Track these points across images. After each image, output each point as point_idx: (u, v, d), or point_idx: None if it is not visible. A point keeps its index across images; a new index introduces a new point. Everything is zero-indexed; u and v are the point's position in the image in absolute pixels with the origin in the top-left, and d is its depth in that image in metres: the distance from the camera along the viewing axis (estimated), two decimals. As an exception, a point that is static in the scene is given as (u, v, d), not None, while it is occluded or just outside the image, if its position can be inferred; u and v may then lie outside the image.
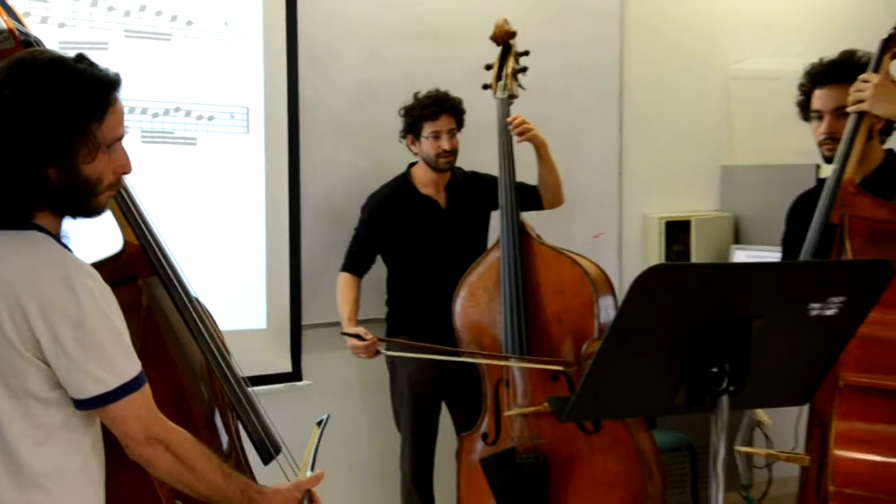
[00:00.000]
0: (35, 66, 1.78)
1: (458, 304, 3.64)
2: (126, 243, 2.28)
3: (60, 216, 1.86)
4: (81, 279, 1.76)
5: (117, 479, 1.95)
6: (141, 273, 2.25)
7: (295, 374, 4.01)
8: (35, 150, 1.74)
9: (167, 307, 2.29)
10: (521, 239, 3.57)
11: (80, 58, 1.83)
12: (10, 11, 2.16)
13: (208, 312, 2.42)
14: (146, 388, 1.84)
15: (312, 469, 2.23)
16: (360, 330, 3.64)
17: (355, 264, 3.84)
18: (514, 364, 3.48)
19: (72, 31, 3.53)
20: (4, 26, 2.11)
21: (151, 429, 1.84)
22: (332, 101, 4.08)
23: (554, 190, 3.80)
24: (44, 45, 2.17)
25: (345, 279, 3.82)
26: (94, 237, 2.15)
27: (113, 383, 1.78)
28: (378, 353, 3.64)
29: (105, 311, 1.78)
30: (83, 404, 1.79)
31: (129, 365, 1.82)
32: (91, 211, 1.87)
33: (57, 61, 1.80)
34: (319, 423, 2.34)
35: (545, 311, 3.52)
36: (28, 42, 2.14)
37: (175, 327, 2.31)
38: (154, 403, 1.87)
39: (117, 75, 1.84)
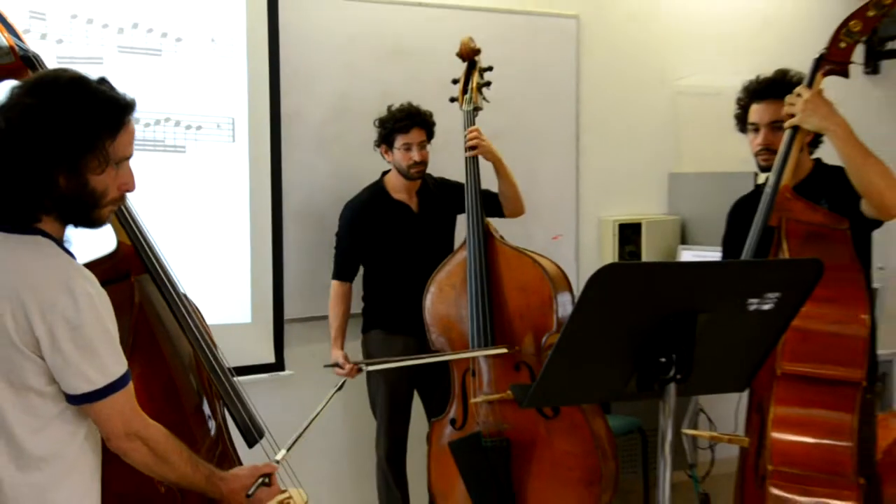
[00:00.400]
0: (58, 81, 1.79)
1: (428, 300, 3.64)
2: (119, 243, 2.26)
3: (65, 223, 1.85)
4: (81, 284, 1.76)
5: (114, 462, 1.92)
6: (133, 271, 2.24)
7: (278, 365, 4.00)
8: (48, 156, 1.74)
9: (158, 303, 2.28)
10: (486, 240, 3.58)
11: (102, 80, 1.85)
12: (11, 29, 2.15)
13: (196, 308, 2.41)
14: (130, 386, 1.84)
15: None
16: (340, 358, 3.66)
17: (343, 271, 3.82)
18: (456, 356, 3.53)
19: (69, 46, 3.51)
20: (5, 43, 2.11)
21: (131, 425, 1.84)
22: (311, 113, 4.07)
23: (513, 201, 3.80)
24: (42, 61, 2.16)
25: (336, 289, 3.80)
26: (90, 238, 2.12)
27: (101, 382, 1.78)
28: (360, 370, 3.65)
29: (100, 314, 1.78)
30: (73, 399, 1.79)
31: (117, 365, 1.82)
32: (93, 221, 1.86)
33: (79, 80, 1.80)
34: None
35: (508, 307, 3.54)
36: (27, 57, 2.12)
37: (165, 322, 2.29)
38: (136, 401, 1.86)
39: (133, 100, 1.84)
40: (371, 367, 3.68)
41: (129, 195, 2.20)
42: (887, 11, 2.67)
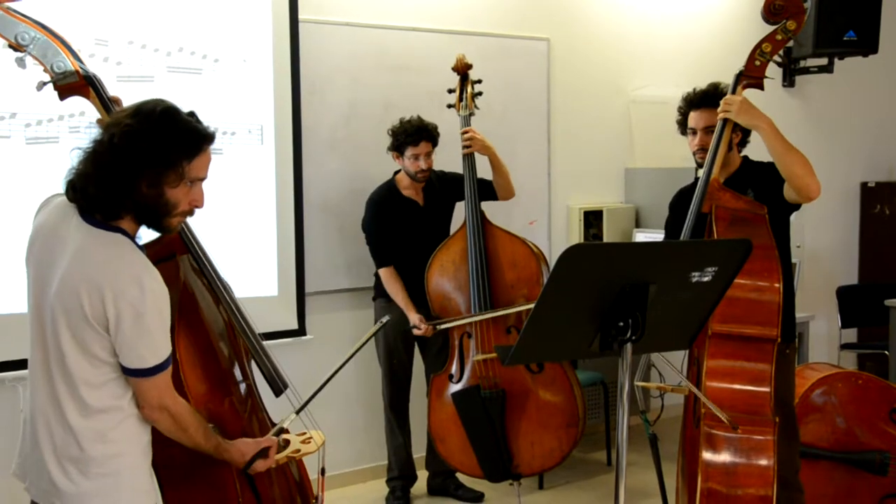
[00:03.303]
0: (154, 109, 1.81)
1: (432, 275, 3.63)
2: None
3: (139, 224, 1.87)
4: (149, 281, 1.78)
5: None
6: (178, 252, 2.21)
7: (300, 331, 3.98)
8: (136, 165, 1.76)
9: (197, 279, 2.26)
10: (483, 224, 3.59)
11: (191, 113, 1.87)
12: (74, 54, 2.12)
13: (228, 283, 2.39)
14: (170, 368, 1.85)
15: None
16: (417, 321, 3.58)
17: (386, 257, 3.72)
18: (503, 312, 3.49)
19: (127, 67, 3.48)
20: (71, 66, 2.09)
21: (164, 400, 1.85)
22: (326, 120, 4.04)
23: (505, 187, 3.79)
24: (101, 80, 2.13)
25: (386, 273, 3.71)
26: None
27: (151, 362, 1.80)
28: (435, 329, 3.56)
29: (160, 307, 1.80)
30: (126, 371, 1.81)
31: (165, 350, 1.83)
32: (163, 227, 1.88)
33: (172, 109, 1.83)
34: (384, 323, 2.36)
35: (503, 279, 3.55)
36: (88, 77, 2.10)
37: (203, 295, 2.27)
38: (171, 381, 1.87)
39: (213, 132, 1.87)
40: (443, 326, 3.56)
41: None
42: (792, 36, 2.73)
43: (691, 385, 2.47)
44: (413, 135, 3.64)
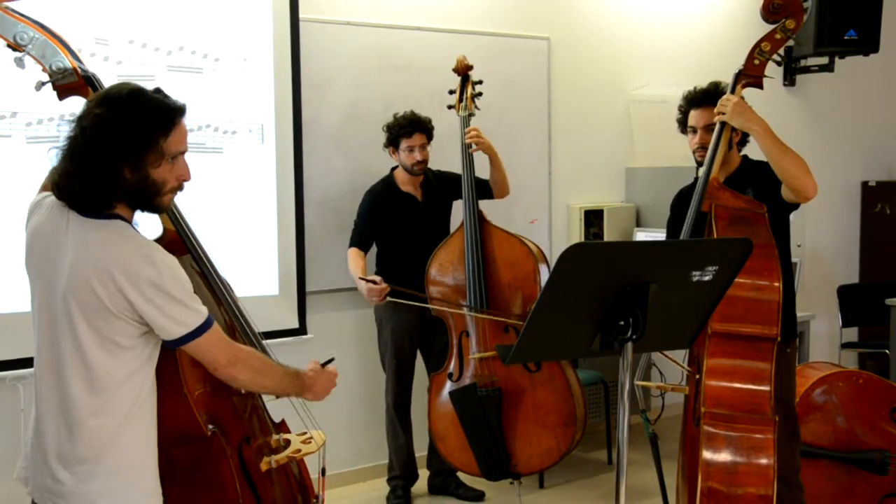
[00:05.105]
0: (120, 93, 1.80)
1: (431, 273, 3.63)
2: (165, 229, 2.23)
3: (133, 209, 1.86)
4: (158, 254, 1.80)
5: (166, 408, 1.93)
6: (178, 252, 2.20)
7: (301, 330, 3.98)
8: (114, 154, 1.75)
9: (197, 279, 2.24)
10: (481, 224, 3.58)
11: (157, 90, 1.85)
12: (73, 53, 2.12)
13: (228, 283, 2.38)
14: (216, 325, 1.86)
15: None
16: (376, 278, 3.55)
17: (360, 243, 3.74)
18: (481, 316, 3.49)
19: (127, 66, 3.48)
20: (70, 65, 2.08)
21: (230, 352, 1.88)
22: (326, 118, 4.04)
23: (502, 186, 3.81)
24: (100, 79, 2.13)
25: (353, 251, 3.71)
26: (141, 224, 2.10)
27: (194, 324, 1.81)
28: (385, 298, 3.53)
29: (177, 275, 1.81)
30: (174, 343, 1.82)
31: (201, 309, 1.84)
32: (156, 207, 1.88)
33: (137, 90, 1.82)
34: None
35: (500, 279, 3.55)
36: (87, 76, 2.09)
37: (205, 296, 2.25)
38: (224, 334, 1.89)
39: (183, 105, 1.85)
40: (398, 300, 3.53)
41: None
42: (791, 35, 2.72)
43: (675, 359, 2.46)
44: (406, 127, 3.66)
